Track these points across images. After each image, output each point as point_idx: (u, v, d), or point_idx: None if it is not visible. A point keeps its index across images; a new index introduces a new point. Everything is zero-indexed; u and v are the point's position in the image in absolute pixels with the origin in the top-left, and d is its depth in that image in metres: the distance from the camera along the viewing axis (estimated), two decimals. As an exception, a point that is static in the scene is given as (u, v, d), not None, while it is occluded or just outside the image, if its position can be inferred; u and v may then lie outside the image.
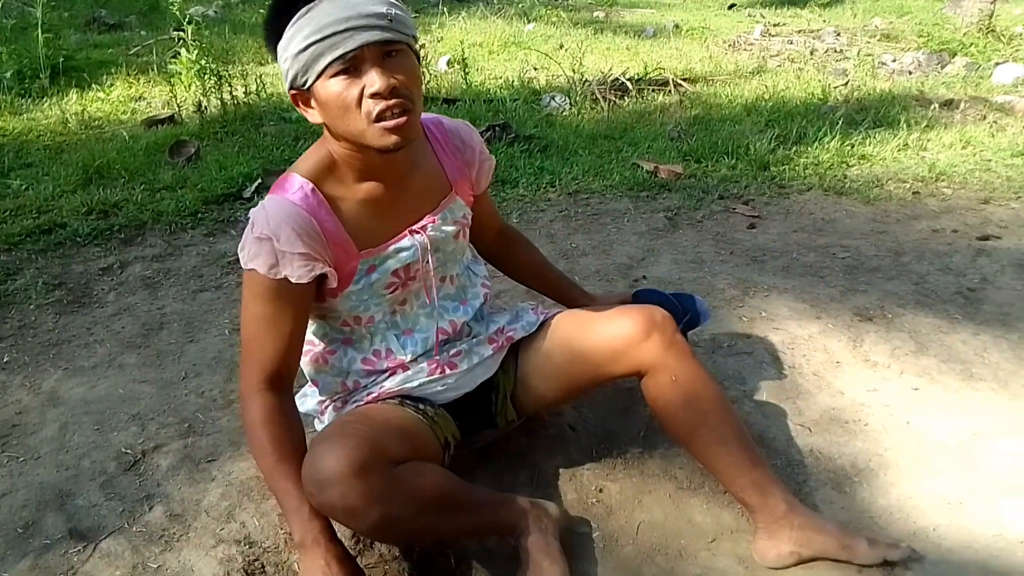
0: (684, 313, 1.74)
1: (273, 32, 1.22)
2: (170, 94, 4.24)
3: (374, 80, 1.16)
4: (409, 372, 1.45)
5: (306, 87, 1.21)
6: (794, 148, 3.86)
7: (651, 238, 2.91)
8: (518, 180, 3.46)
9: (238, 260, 2.67)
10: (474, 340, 1.52)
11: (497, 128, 3.93)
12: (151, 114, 4.20)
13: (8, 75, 4.53)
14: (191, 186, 3.20)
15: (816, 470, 1.73)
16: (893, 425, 1.86)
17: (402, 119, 1.20)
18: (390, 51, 1.19)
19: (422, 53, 4.45)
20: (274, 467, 1.26)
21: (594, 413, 1.85)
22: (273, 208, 1.26)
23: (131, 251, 2.70)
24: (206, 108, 4.06)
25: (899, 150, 3.90)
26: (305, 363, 1.47)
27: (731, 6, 9.40)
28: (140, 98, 4.54)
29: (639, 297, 1.82)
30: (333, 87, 1.18)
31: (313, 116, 1.25)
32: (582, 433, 1.80)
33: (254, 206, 3.14)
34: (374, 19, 1.16)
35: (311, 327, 1.45)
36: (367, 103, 1.18)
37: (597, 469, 1.71)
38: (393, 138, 1.20)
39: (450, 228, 1.44)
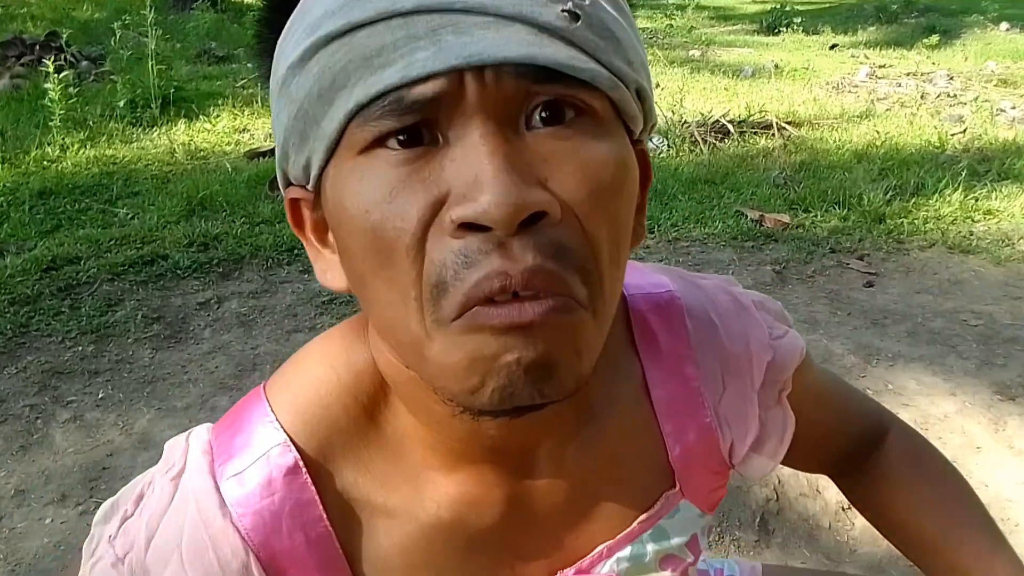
0: None
1: (266, 35, 0.48)
2: (272, 127, 4.33)
3: (479, 182, 0.36)
4: None
5: (310, 180, 0.44)
6: (912, 200, 3.62)
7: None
8: (615, 225, 3.34)
9: (332, 300, 2.68)
10: None
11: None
12: (254, 146, 4.29)
13: (121, 104, 4.71)
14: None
15: None
16: (1050, 529, 1.64)
17: (534, 320, 0.37)
18: (545, 104, 0.39)
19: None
20: None
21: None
22: (178, 513, 0.49)
23: (228, 285, 2.70)
24: (305, 141, 4.11)
25: (1030, 206, 3.61)
26: None
27: (833, 46, 9.11)
28: (244, 130, 4.65)
29: None
30: (360, 183, 0.39)
31: (330, 271, 0.47)
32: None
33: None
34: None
35: None
36: (442, 248, 0.38)
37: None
38: (496, 383, 0.39)
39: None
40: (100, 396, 2.04)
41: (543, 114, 0.39)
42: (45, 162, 3.90)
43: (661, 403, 0.55)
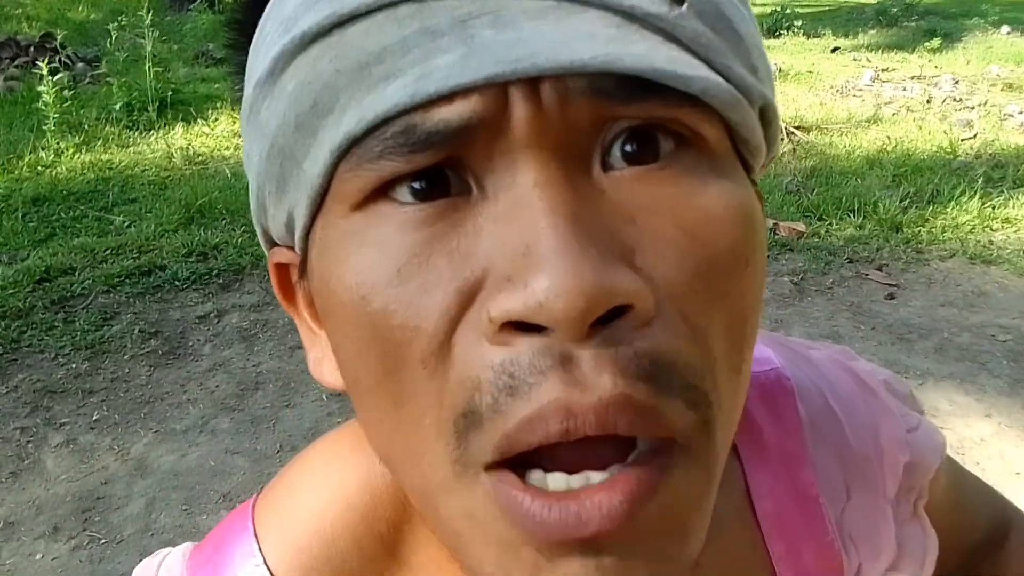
0: None
1: (241, 44, 0.33)
2: (271, 131, 4.23)
3: (532, 256, 0.23)
4: None
5: (296, 241, 0.30)
6: (928, 208, 3.54)
7: (777, 306, 2.65)
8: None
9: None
10: None
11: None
12: (252, 151, 4.20)
13: (118, 107, 4.61)
14: (289, 229, 3.12)
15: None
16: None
17: (627, 493, 0.24)
18: (632, 132, 0.26)
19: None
20: None
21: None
22: None
23: (228, 298, 2.61)
24: (306, 146, 4.03)
25: (1049, 214, 3.53)
26: None
27: (834, 49, 9.05)
28: (242, 134, 4.55)
29: None
30: (355, 255, 0.26)
31: (327, 361, 0.33)
32: None
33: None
34: None
35: None
36: (477, 357, 0.24)
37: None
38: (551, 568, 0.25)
39: None
40: (95, 418, 1.94)
41: (628, 147, 0.25)
42: (39, 167, 3.80)
43: (768, 519, 0.41)
